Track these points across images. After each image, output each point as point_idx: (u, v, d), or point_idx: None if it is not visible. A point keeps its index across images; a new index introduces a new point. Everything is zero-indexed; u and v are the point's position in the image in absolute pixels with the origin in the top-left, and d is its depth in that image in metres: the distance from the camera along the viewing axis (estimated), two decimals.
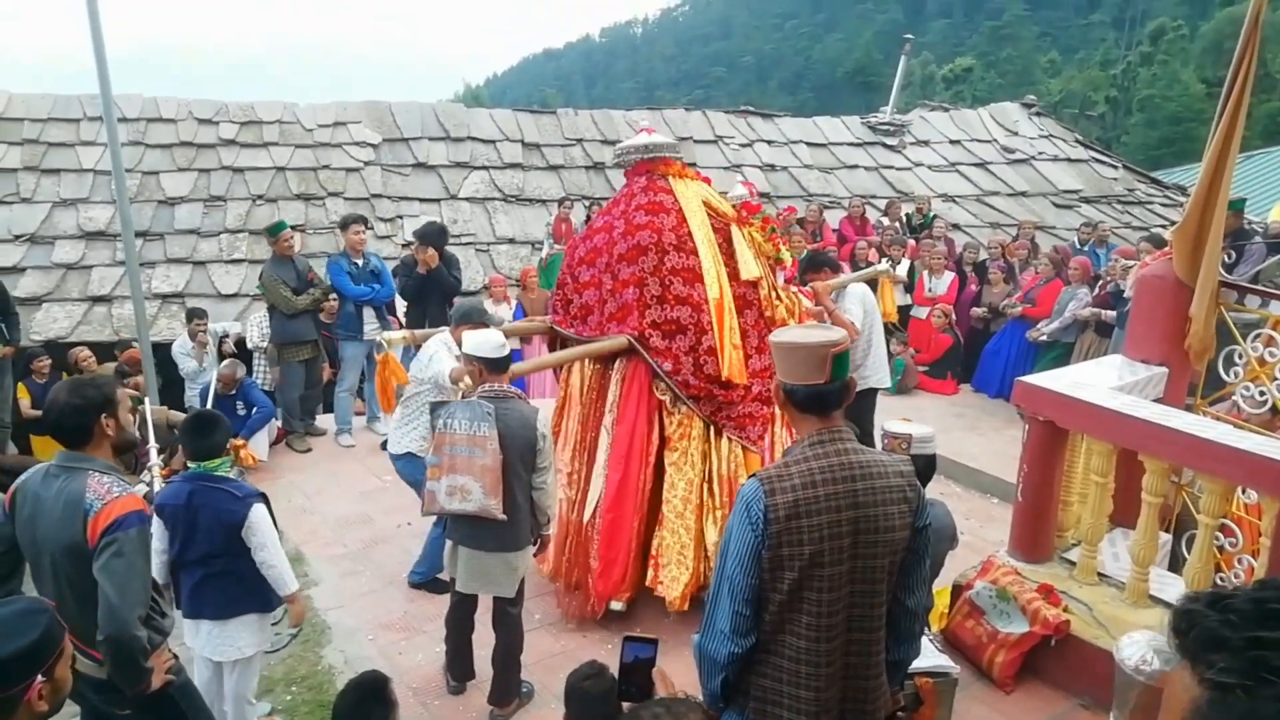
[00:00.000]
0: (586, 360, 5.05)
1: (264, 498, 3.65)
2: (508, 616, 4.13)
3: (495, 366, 4.01)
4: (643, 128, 5.40)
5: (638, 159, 5.19)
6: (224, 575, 3.55)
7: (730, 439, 4.88)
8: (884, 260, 8.91)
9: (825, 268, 6.05)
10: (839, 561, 2.29)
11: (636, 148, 5.21)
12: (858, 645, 2.37)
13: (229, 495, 3.52)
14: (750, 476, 2.36)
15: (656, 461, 4.87)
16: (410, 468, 5.03)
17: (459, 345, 4.76)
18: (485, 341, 4.04)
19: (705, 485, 4.86)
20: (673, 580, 4.73)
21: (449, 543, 4.14)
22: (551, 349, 5.54)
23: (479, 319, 4.82)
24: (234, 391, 7.00)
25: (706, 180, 5.43)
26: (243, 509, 3.51)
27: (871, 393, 6.15)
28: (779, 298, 5.26)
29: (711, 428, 4.89)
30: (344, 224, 7.51)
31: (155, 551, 3.34)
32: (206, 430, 3.61)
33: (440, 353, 4.86)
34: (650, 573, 4.79)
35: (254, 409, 7.00)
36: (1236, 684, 1.01)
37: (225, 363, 7.20)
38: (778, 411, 5.07)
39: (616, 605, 4.77)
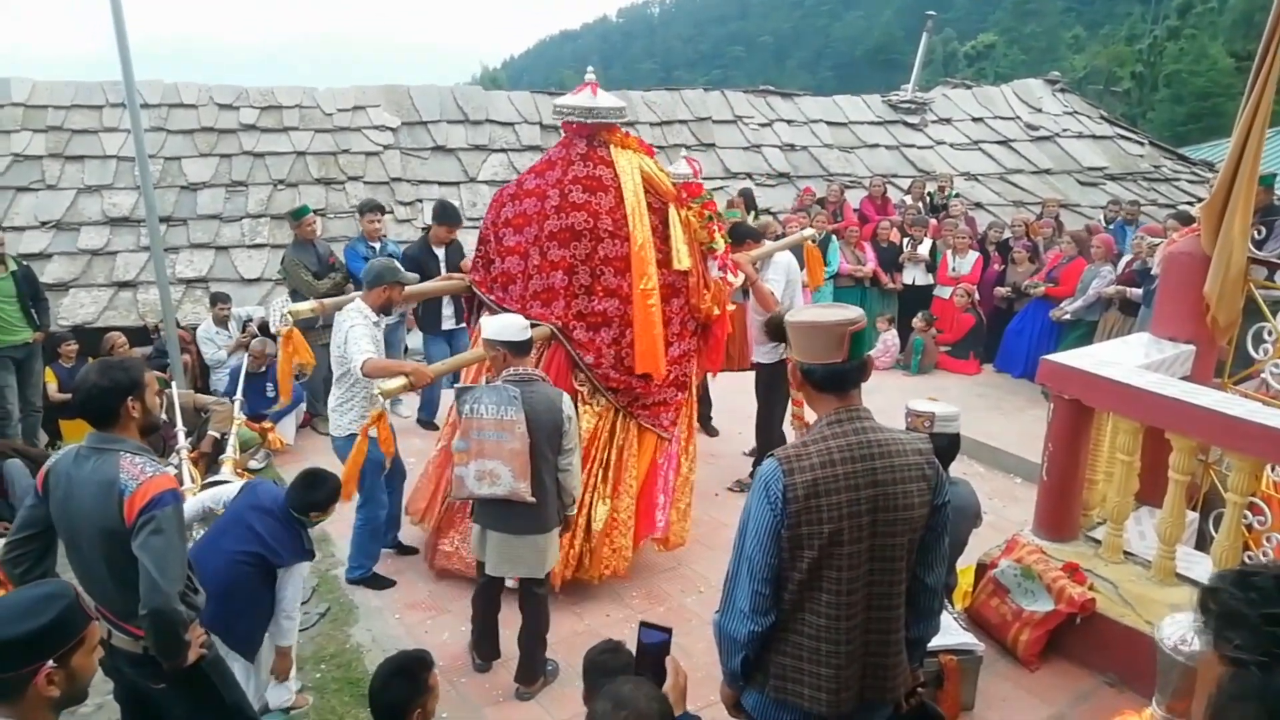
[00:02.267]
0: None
1: (310, 555, 3.99)
2: (534, 597, 4.15)
3: (519, 350, 4.00)
4: (587, 83, 4.98)
5: (579, 121, 4.86)
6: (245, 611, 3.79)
7: (636, 424, 4.96)
8: (810, 228, 7.98)
9: (747, 239, 6.04)
10: (858, 540, 2.29)
11: (579, 109, 4.84)
12: (877, 623, 2.38)
13: (299, 542, 3.88)
14: (768, 456, 2.36)
15: None
16: (346, 448, 4.69)
17: (374, 310, 4.75)
18: (507, 326, 4.02)
19: (602, 470, 4.88)
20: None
21: (476, 527, 4.14)
22: (468, 305, 5.58)
23: (392, 279, 4.81)
24: (264, 370, 7.07)
25: (650, 151, 5.17)
26: (293, 559, 3.84)
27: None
28: (707, 286, 5.14)
29: (623, 415, 4.92)
30: (360, 210, 7.53)
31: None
32: (317, 485, 3.95)
33: (356, 329, 4.60)
34: None
35: None
36: (1251, 660, 1.01)
37: (256, 339, 7.26)
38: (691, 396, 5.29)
39: (511, 584, 4.51)
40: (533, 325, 4.70)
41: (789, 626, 2.37)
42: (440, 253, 7.18)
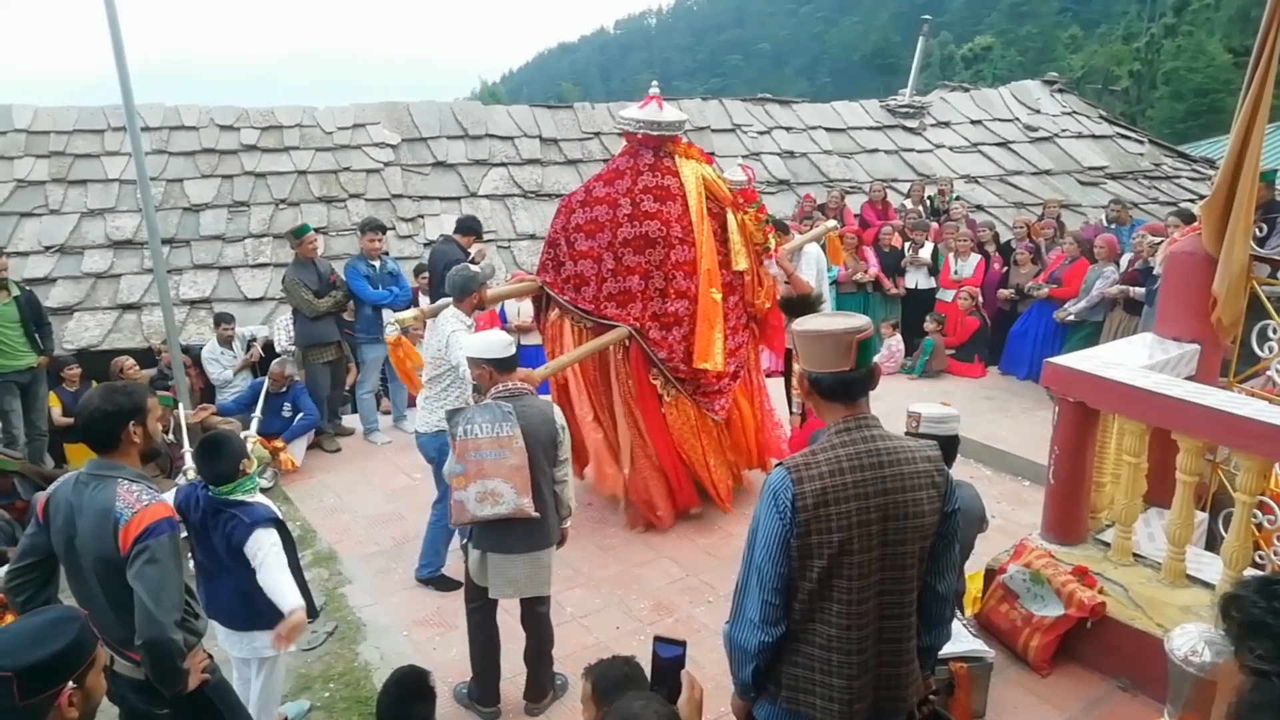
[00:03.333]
0: (582, 336, 5.47)
1: (276, 522, 3.54)
2: (537, 616, 4.11)
3: (504, 366, 3.97)
4: (650, 95, 5.37)
5: (645, 134, 5.26)
6: (235, 589, 3.53)
7: (697, 409, 5.55)
8: (833, 220, 8.50)
9: (779, 232, 6.38)
10: (868, 549, 2.28)
11: (648, 123, 5.23)
12: (889, 632, 2.37)
13: (238, 520, 3.43)
14: (777, 465, 2.35)
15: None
16: (434, 444, 5.05)
17: (468, 315, 5.03)
18: (492, 343, 3.99)
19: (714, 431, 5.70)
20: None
21: (476, 552, 4.02)
22: (537, 305, 5.98)
23: (477, 285, 5.05)
24: (284, 390, 7.09)
25: (709, 159, 5.62)
26: (245, 534, 3.41)
27: None
28: (760, 283, 5.72)
29: (688, 402, 5.51)
30: (361, 229, 7.55)
31: None
32: (212, 454, 3.49)
33: (459, 334, 4.82)
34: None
35: (300, 414, 7.08)
36: (1273, 671, 1.00)
37: (277, 360, 7.29)
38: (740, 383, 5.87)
39: (695, 510, 5.79)
40: (609, 325, 5.35)
41: (800, 637, 2.36)
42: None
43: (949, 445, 3.74)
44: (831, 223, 7.58)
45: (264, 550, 3.41)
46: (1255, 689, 1.02)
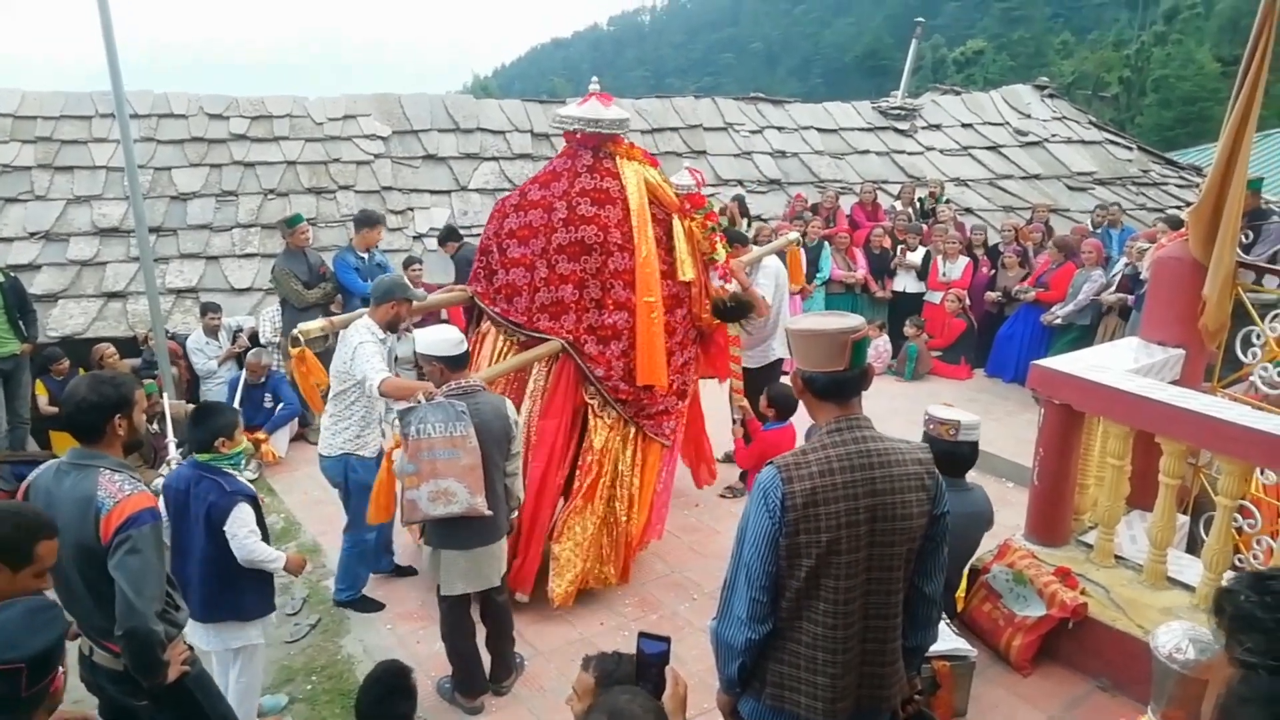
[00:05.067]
0: (511, 349, 4.95)
1: (253, 499, 3.62)
2: (495, 605, 4.14)
3: (455, 364, 3.92)
4: (591, 93, 4.93)
5: (584, 131, 4.82)
6: (204, 567, 3.55)
7: (641, 434, 4.97)
8: (794, 232, 7.93)
9: (735, 244, 6.04)
10: (856, 549, 2.29)
11: (587, 120, 4.79)
12: (874, 632, 2.38)
13: (218, 488, 3.52)
14: (768, 463, 2.35)
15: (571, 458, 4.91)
16: (337, 468, 4.77)
17: (381, 327, 4.59)
18: (442, 340, 3.93)
19: (617, 479, 4.91)
20: (562, 572, 4.77)
21: (428, 549, 4.00)
22: (468, 316, 5.57)
23: (401, 294, 4.64)
24: (263, 381, 7.05)
25: (654, 161, 5.19)
26: (227, 504, 3.49)
27: (778, 363, 6.39)
28: (708, 296, 5.21)
29: (631, 426, 4.94)
30: (368, 221, 7.38)
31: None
32: (201, 418, 3.59)
33: (366, 346, 4.44)
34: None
35: (280, 404, 7.05)
36: (1261, 664, 1.01)
37: (253, 351, 7.25)
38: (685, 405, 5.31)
39: (521, 597, 4.77)
40: (541, 339, 4.80)
41: (786, 634, 2.37)
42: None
43: (974, 450, 3.76)
44: (793, 235, 7.20)
45: (243, 529, 3.50)
46: (1243, 681, 1.04)
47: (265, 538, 3.65)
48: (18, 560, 2.31)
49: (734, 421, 6.24)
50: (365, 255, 7.30)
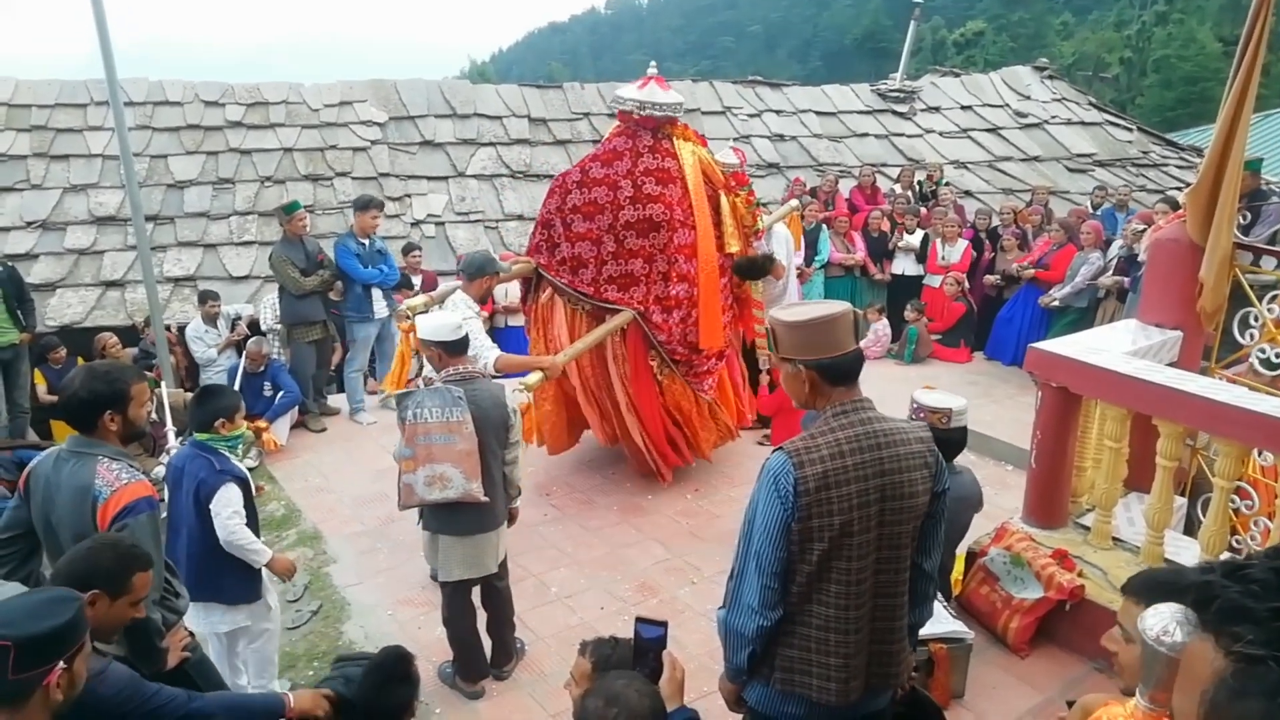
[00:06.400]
0: (580, 318, 5.44)
1: (244, 482, 3.65)
2: (496, 591, 4.16)
3: (455, 349, 3.92)
4: (649, 76, 5.33)
5: (644, 114, 5.21)
6: (190, 544, 3.59)
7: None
8: (795, 200, 8.79)
9: None
10: (867, 529, 2.31)
11: (648, 103, 5.19)
12: (883, 610, 2.40)
13: (209, 466, 3.55)
14: (775, 449, 2.36)
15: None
16: None
17: (476, 301, 4.90)
18: (442, 325, 3.94)
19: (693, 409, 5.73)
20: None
21: (426, 534, 4.04)
22: (526, 286, 5.93)
23: (493, 269, 4.91)
24: (262, 369, 7.06)
25: (703, 141, 5.66)
26: (215, 482, 3.53)
27: None
28: None
29: (682, 382, 5.60)
30: (363, 205, 7.36)
31: None
32: (203, 399, 3.68)
33: (472, 322, 4.64)
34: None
35: (280, 392, 7.05)
36: (1268, 655, 0.99)
37: (253, 340, 7.25)
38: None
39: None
40: (610, 309, 5.32)
41: (796, 619, 2.37)
42: None
43: (963, 434, 3.78)
44: (794, 203, 7.68)
45: (223, 507, 3.52)
46: (1239, 674, 1.02)
47: (254, 525, 3.67)
48: (116, 589, 2.38)
49: (761, 371, 6.66)
50: (365, 241, 7.27)
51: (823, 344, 2.34)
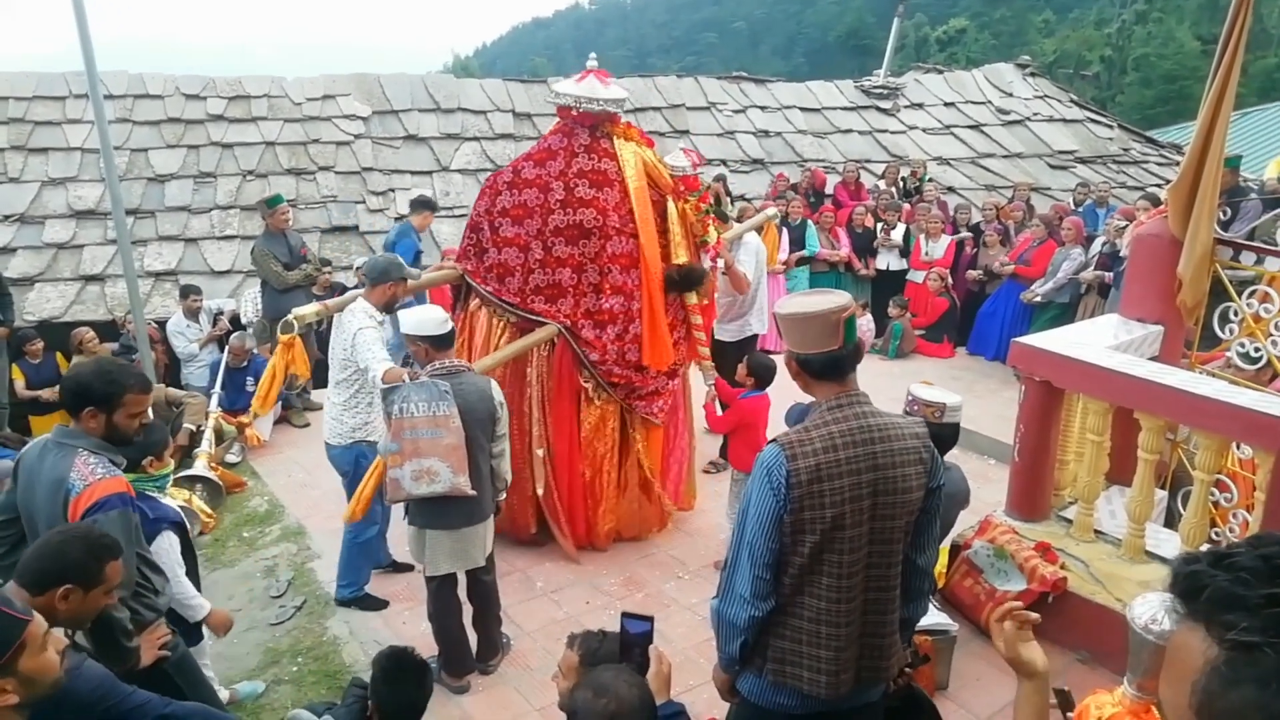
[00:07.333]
0: (504, 330, 4.91)
1: (180, 527, 3.52)
2: (483, 584, 4.15)
3: (441, 344, 3.89)
4: (589, 70, 4.86)
5: (581, 111, 4.76)
6: None
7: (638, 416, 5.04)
8: (772, 208, 8.15)
9: (720, 221, 6.07)
10: (859, 523, 2.32)
11: (586, 99, 4.73)
12: (875, 604, 2.42)
13: (141, 515, 3.27)
14: (770, 442, 2.37)
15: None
16: (347, 457, 4.60)
17: (379, 309, 4.44)
18: (427, 319, 3.90)
19: (617, 457, 5.09)
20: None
21: (413, 529, 4.00)
22: (456, 294, 5.46)
23: (398, 275, 4.48)
24: (245, 364, 7.00)
25: (649, 142, 5.13)
26: (150, 531, 3.32)
27: (753, 339, 6.42)
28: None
29: (622, 409, 5.00)
30: (426, 205, 7.64)
31: None
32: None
33: (367, 332, 4.25)
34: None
35: None
36: (1263, 642, 0.99)
37: (235, 335, 7.20)
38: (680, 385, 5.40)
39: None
40: (536, 320, 4.80)
41: (788, 610, 2.39)
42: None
43: (956, 430, 3.79)
44: (771, 211, 7.28)
45: (165, 556, 3.38)
46: (1232, 663, 1.02)
47: (193, 567, 3.53)
48: (90, 581, 2.35)
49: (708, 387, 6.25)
50: (419, 236, 7.23)
51: (803, 339, 2.37)
